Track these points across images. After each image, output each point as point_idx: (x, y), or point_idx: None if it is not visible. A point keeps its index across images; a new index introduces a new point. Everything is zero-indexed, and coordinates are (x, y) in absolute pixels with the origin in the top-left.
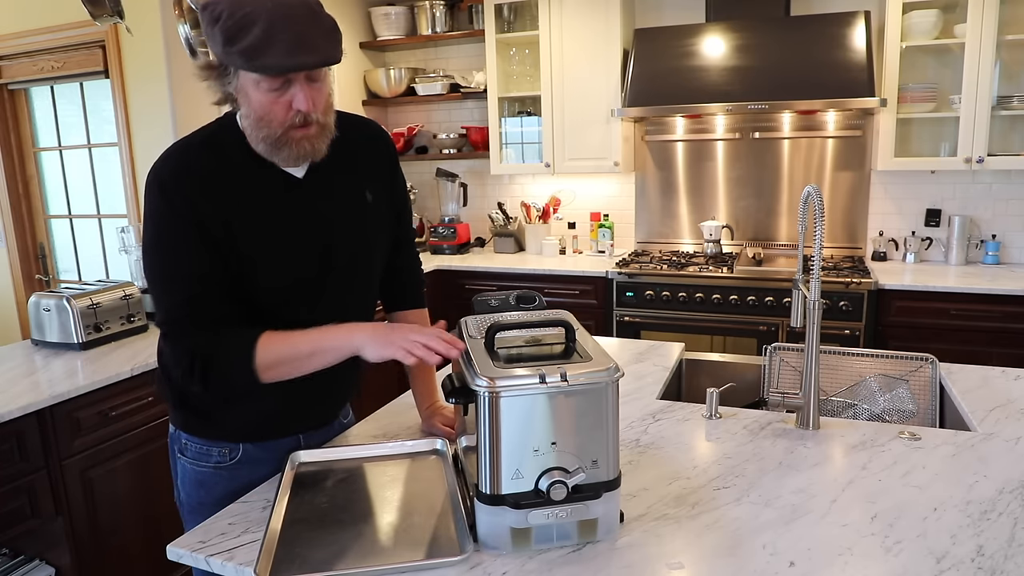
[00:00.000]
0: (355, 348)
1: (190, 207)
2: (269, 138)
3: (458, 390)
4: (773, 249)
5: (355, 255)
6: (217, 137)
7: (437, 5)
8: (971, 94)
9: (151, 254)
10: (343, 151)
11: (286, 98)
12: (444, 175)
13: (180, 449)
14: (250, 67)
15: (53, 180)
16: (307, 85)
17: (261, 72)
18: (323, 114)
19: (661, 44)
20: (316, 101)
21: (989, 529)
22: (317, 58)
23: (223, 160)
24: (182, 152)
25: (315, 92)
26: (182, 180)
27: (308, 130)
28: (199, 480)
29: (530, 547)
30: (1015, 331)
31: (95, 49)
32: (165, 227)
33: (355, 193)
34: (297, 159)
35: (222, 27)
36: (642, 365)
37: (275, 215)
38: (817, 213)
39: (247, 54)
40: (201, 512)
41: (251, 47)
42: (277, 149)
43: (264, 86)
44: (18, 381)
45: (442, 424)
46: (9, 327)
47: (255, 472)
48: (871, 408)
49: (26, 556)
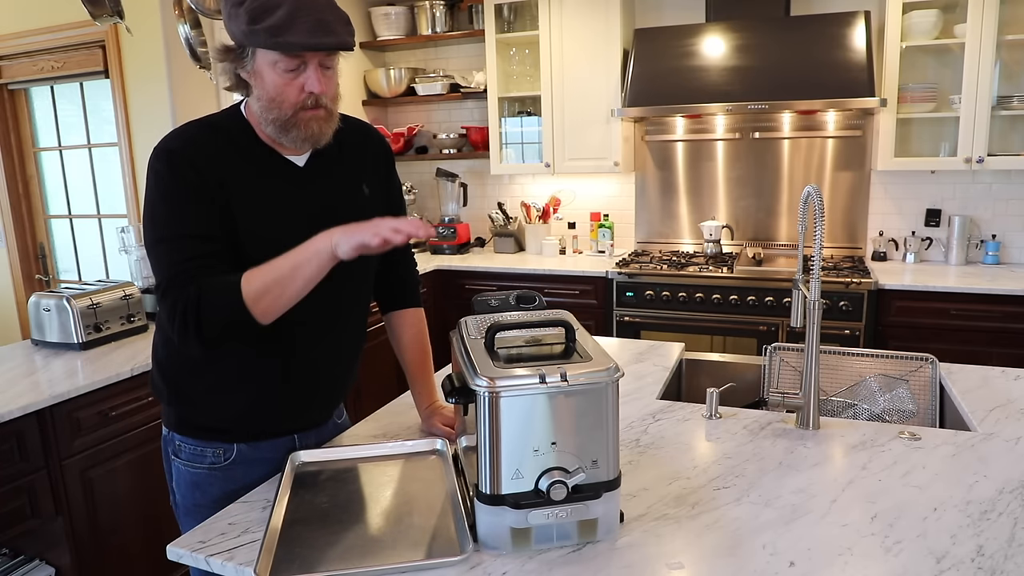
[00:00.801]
0: (331, 248)
1: (195, 173)
2: (279, 119)
3: (458, 390)
4: (773, 249)
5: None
6: (223, 122)
7: (437, 5)
8: (971, 94)
9: (153, 218)
10: (343, 147)
11: (300, 80)
12: (444, 175)
13: (174, 451)
14: (273, 44)
15: (53, 180)
16: (320, 70)
17: (283, 50)
18: (332, 100)
19: (661, 44)
20: (327, 86)
21: (989, 529)
22: (336, 40)
23: (228, 141)
24: (188, 129)
25: (327, 78)
26: (188, 150)
27: (317, 112)
28: (194, 482)
29: (530, 547)
30: (1015, 331)
31: (95, 49)
32: (167, 190)
33: (353, 185)
34: (305, 140)
35: (247, 7)
36: (642, 365)
37: (274, 198)
38: (817, 213)
39: (272, 31)
40: (197, 514)
41: (275, 26)
42: (286, 130)
43: (281, 67)
44: (18, 381)
45: (442, 424)
46: (9, 327)
47: (250, 473)
48: (871, 408)
49: (26, 556)
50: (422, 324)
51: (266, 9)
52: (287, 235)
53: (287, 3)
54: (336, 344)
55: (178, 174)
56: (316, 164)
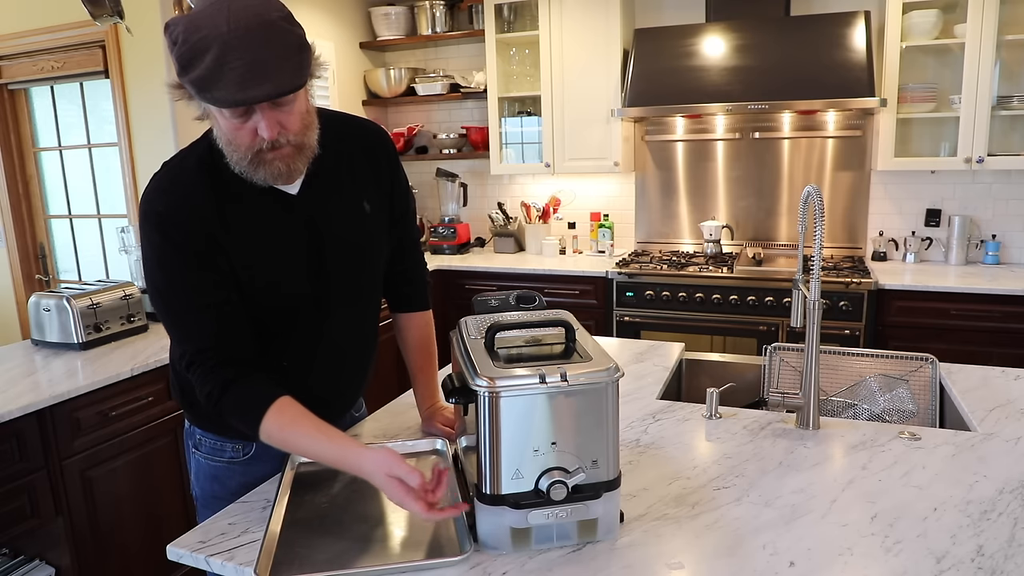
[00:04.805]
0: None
1: (187, 237)
2: (241, 161)
3: (458, 390)
4: (773, 249)
5: (353, 267)
6: (209, 156)
7: (437, 5)
8: (971, 94)
9: (156, 285)
10: (339, 162)
11: (250, 125)
12: (444, 175)
13: (195, 444)
14: (202, 99)
15: (53, 180)
16: (272, 111)
17: (212, 104)
18: (297, 134)
19: (661, 44)
20: (286, 123)
21: (989, 529)
22: (268, 90)
23: (215, 181)
24: (173, 179)
25: (283, 116)
26: (175, 213)
27: (280, 151)
28: (213, 475)
29: (530, 547)
30: (1015, 331)
31: (95, 49)
32: (167, 264)
33: (352, 205)
34: (274, 178)
35: (177, 53)
36: (642, 365)
37: (269, 233)
38: (817, 213)
39: (198, 85)
40: (215, 506)
41: (201, 78)
42: (253, 170)
43: (227, 114)
44: (18, 381)
45: (442, 424)
46: (9, 327)
47: (268, 467)
48: (871, 408)
49: (26, 556)
50: (429, 327)
51: (194, 55)
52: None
53: (215, 47)
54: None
55: (174, 246)
56: (310, 190)
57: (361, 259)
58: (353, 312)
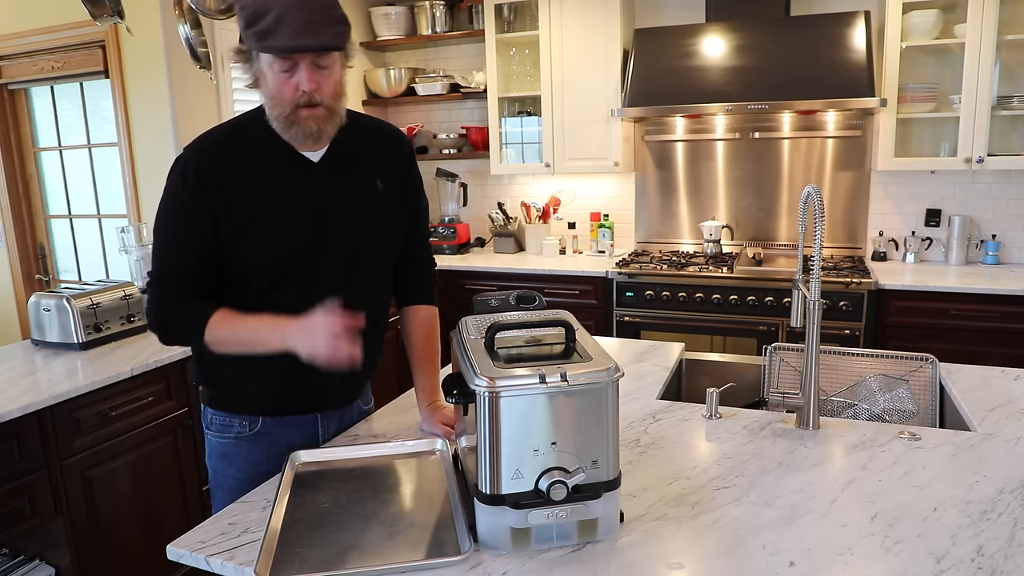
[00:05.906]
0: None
1: (200, 187)
2: (280, 116)
3: (458, 390)
4: (773, 249)
5: (358, 241)
6: (245, 125)
7: (437, 5)
8: (971, 94)
9: (159, 215)
10: (360, 144)
11: (294, 80)
12: (444, 175)
13: (207, 424)
14: (259, 47)
15: (53, 180)
16: (313, 69)
17: (267, 51)
18: (331, 98)
19: (661, 44)
20: (322, 84)
21: (989, 529)
22: (317, 42)
23: (245, 144)
24: (213, 133)
25: (321, 77)
26: (199, 162)
27: (315, 111)
28: (223, 452)
29: (530, 547)
30: (1015, 331)
31: (95, 49)
32: (176, 204)
33: (366, 181)
34: (306, 137)
35: (244, 13)
36: (642, 365)
37: (281, 186)
38: (817, 213)
39: (259, 35)
40: (225, 486)
41: (263, 30)
42: (287, 127)
43: (276, 67)
44: (18, 381)
45: (442, 423)
46: (9, 327)
47: (273, 445)
48: (871, 408)
49: (26, 556)
50: (433, 321)
51: (258, 14)
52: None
53: (277, 6)
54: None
55: (188, 192)
56: (330, 160)
57: (364, 233)
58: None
